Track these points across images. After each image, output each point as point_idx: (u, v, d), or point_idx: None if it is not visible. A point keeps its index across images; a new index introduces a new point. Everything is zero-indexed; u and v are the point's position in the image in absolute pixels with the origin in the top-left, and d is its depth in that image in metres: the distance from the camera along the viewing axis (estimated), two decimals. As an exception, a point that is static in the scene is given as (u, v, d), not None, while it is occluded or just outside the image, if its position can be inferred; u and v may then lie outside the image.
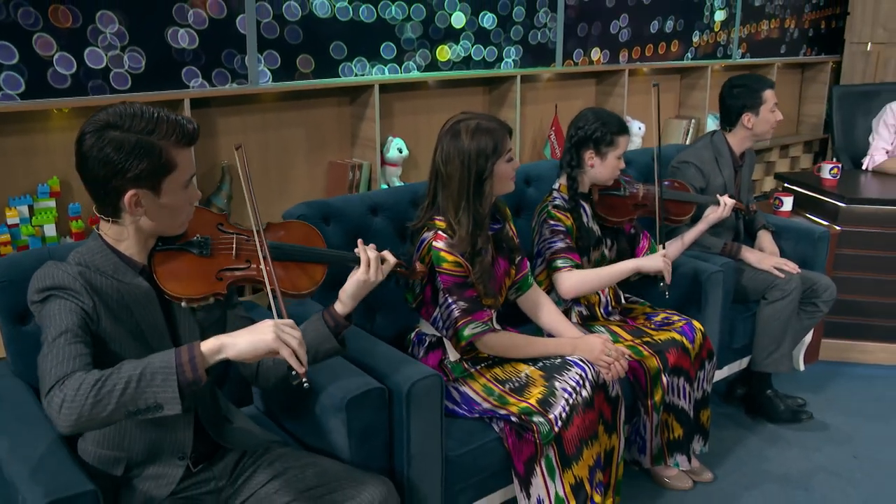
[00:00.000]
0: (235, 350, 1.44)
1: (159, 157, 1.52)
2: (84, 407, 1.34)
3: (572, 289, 2.56)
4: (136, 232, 1.60)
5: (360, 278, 1.78)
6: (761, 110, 3.07)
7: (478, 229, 2.21)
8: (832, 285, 3.15)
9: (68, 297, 1.51)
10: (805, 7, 5.61)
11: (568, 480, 2.18)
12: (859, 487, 2.71)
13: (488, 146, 2.18)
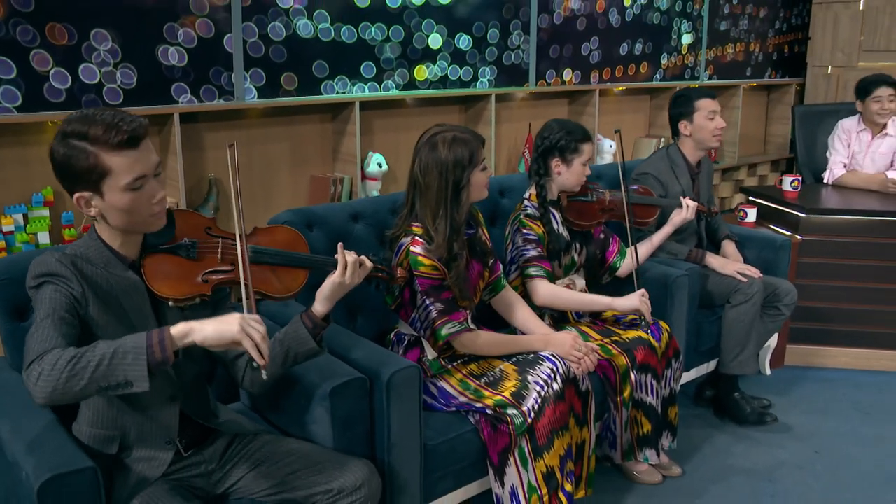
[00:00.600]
0: (202, 335, 1.53)
1: (88, 162, 1.58)
2: (59, 380, 1.44)
3: (545, 299, 2.69)
4: (111, 228, 1.69)
5: (336, 280, 1.87)
6: (695, 117, 3.24)
7: (455, 235, 2.33)
8: (793, 290, 3.30)
9: (59, 283, 1.61)
10: (769, 32, 5.85)
11: (540, 469, 2.29)
12: (820, 479, 2.84)
13: (464, 157, 2.31)
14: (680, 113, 3.28)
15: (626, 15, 4.68)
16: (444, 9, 3.77)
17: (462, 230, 2.37)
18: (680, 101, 3.31)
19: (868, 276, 3.72)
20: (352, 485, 1.83)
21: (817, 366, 3.83)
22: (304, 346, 1.88)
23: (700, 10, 5.20)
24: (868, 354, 3.80)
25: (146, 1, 2.83)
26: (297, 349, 1.88)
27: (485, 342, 2.42)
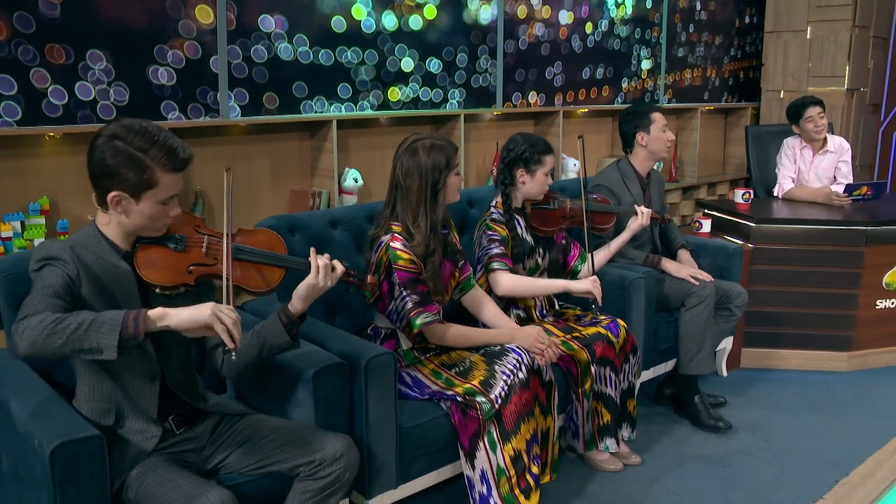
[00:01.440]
0: (176, 320, 1.73)
1: (143, 172, 1.81)
2: (41, 336, 1.63)
3: (507, 287, 2.89)
4: (118, 224, 1.90)
5: (310, 282, 2.03)
6: (652, 129, 3.48)
7: (432, 233, 2.55)
8: (744, 292, 3.53)
9: (58, 266, 1.80)
10: (724, 59, 6.16)
11: (508, 453, 2.47)
12: (769, 465, 3.05)
13: (442, 161, 2.53)
14: (636, 126, 3.51)
15: (587, 41, 4.95)
16: (415, 34, 3.99)
17: (439, 229, 2.58)
18: (634, 115, 3.54)
19: (815, 282, 3.96)
20: (332, 456, 2.00)
21: (771, 367, 4.05)
22: (279, 339, 2.06)
23: (658, 37, 5.50)
24: (817, 356, 4.03)
25: (138, 24, 3.01)
26: (272, 341, 2.06)
27: (454, 334, 2.61)
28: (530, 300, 3.05)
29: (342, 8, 3.65)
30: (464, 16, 4.20)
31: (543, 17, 4.64)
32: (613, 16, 5.10)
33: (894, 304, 4.03)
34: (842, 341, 4.01)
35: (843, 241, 3.91)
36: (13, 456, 1.98)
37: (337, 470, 2.00)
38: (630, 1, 5.20)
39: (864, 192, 4.26)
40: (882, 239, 3.91)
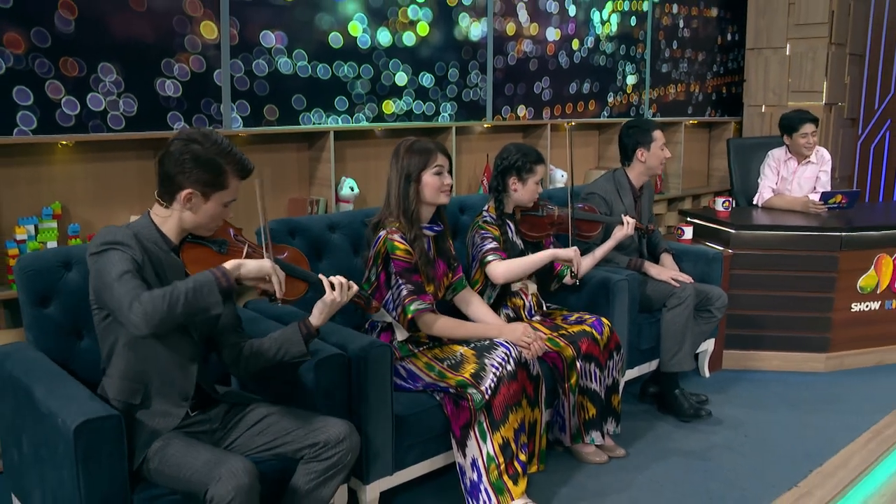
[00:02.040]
0: (246, 269, 1.98)
1: (219, 175, 2.04)
2: (164, 312, 1.85)
3: (502, 274, 3.05)
4: (178, 221, 2.08)
5: (329, 299, 2.19)
6: (652, 146, 3.65)
7: (409, 223, 2.72)
8: (723, 294, 3.70)
9: (124, 250, 1.97)
10: (707, 75, 6.37)
11: (497, 441, 2.62)
12: (747, 457, 3.19)
13: (416, 161, 2.74)
14: (638, 142, 3.66)
15: (574, 57, 5.14)
16: (409, 50, 4.16)
17: (418, 219, 2.76)
18: (637, 131, 3.68)
19: (793, 286, 4.12)
20: (335, 438, 2.15)
21: (751, 368, 4.21)
22: (296, 347, 2.21)
23: (643, 53, 5.69)
24: (796, 357, 4.19)
25: (146, 39, 3.16)
26: (287, 347, 2.21)
27: (444, 324, 2.77)
28: (519, 300, 3.21)
29: (339, 24, 3.82)
30: (455, 33, 4.37)
31: (531, 34, 4.82)
32: (599, 33, 5.30)
33: (868, 308, 4.20)
34: (819, 343, 4.17)
35: (819, 246, 4.08)
36: (34, 438, 2.12)
37: (339, 452, 2.15)
38: (615, 18, 5.40)
39: (839, 201, 4.44)
40: (856, 244, 4.09)
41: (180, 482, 1.98)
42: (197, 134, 2.05)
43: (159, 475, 2.02)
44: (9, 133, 2.86)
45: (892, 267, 4.20)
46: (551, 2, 4.90)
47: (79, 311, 2.39)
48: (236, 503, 1.86)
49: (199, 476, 1.92)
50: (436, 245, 2.86)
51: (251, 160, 2.15)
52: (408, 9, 4.09)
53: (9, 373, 2.24)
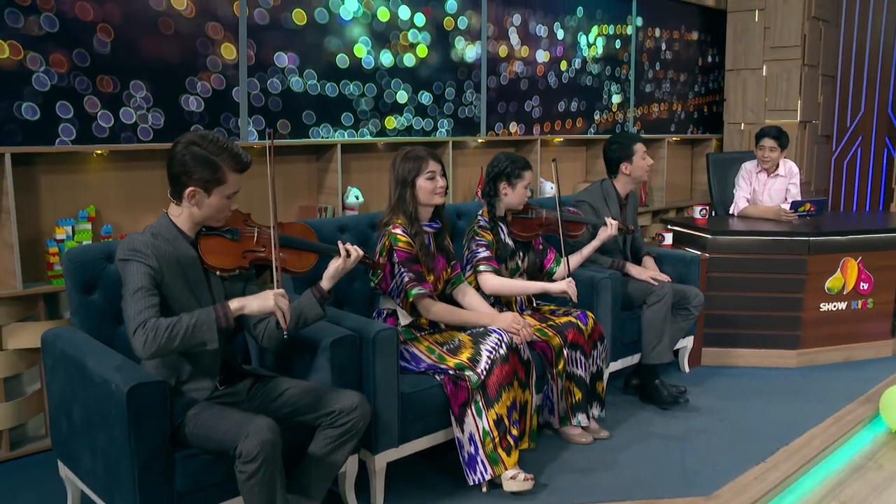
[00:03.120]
0: (249, 309, 2.27)
1: (216, 171, 2.30)
2: (161, 344, 2.13)
3: (493, 287, 3.36)
4: (189, 216, 2.36)
5: (338, 265, 2.53)
6: (634, 159, 3.99)
7: (409, 220, 3.04)
8: (700, 294, 4.01)
9: (142, 261, 2.24)
10: (689, 94, 6.72)
11: (491, 417, 2.92)
12: (721, 439, 3.49)
13: (411, 167, 3.06)
14: (621, 157, 4.01)
15: (562, 78, 5.48)
16: (409, 70, 4.49)
17: (418, 217, 3.08)
18: (619, 146, 4.03)
19: (765, 287, 4.43)
20: (349, 407, 2.45)
21: (727, 365, 4.51)
22: (313, 310, 2.51)
23: (627, 74, 6.05)
24: (769, 354, 4.50)
25: (173, 59, 3.47)
26: (307, 313, 2.51)
27: (441, 309, 3.08)
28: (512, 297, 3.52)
29: (346, 46, 4.15)
30: (451, 55, 4.71)
31: (522, 56, 5.17)
32: (586, 55, 5.65)
33: (836, 307, 4.51)
34: (790, 340, 4.48)
35: (789, 250, 4.40)
36: (86, 406, 2.41)
37: (353, 419, 2.44)
38: (601, 41, 5.75)
39: (808, 209, 4.77)
40: (823, 248, 4.41)
41: (213, 441, 2.26)
42: (196, 136, 2.32)
43: (195, 437, 2.31)
44: (51, 143, 3.17)
45: (856, 270, 4.52)
46: (541, 26, 5.25)
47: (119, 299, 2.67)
48: (262, 456, 2.16)
49: (229, 435, 2.21)
50: (435, 241, 3.17)
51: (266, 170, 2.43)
52: (408, 32, 4.43)
53: (61, 350, 2.53)
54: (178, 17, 3.47)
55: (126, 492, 2.24)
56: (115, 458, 2.27)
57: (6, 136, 3.05)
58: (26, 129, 3.10)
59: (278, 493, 2.22)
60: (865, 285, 4.56)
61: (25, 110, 3.08)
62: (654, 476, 3.12)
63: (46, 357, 2.66)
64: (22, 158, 3.13)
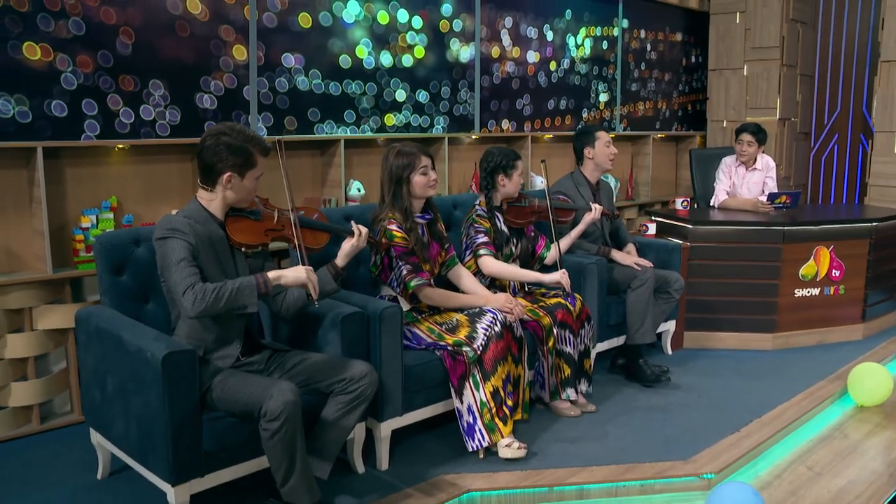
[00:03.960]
0: (285, 280, 2.55)
1: (248, 157, 2.58)
2: (208, 303, 2.39)
3: (493, 270, 3.63)
4: (222, 199, 2.63)
5: (353, 243, 2.80)
6: (596, 144, 4.25)
7: (403, 214, 3.28)
8: (680, 279, 4.28)
9: (182, 237, 2.49)
10: (673, 93, 7.01)
11: (488, 389, 3.18)
12: (698, 411, 3.75)
13: (404, 163, 3.29)
14: (584, 143, 4.30)
15: (552, 77, 5.75)
16: (407, 70, 4.74)
17: (409, 210, 3.31)
18: (583, 134, 4.32)
19: (743, 274, 4.70)
20: (359, 374, 2.70)
21: (708, 347, 4.78)
22: (329, 284, 2.77)
23: (614, 74, 6.32)
24: (747, 337, 4.77)
25: (188, 60, 3.71)
26: (323, 287, 2.75)
27: (440, 294, 3.34)
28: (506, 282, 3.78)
29: (348, 48, 4.40)
30: (447, 55, 4.96)
31: (514, 57, 5.43)
32: (574, 55, 5.92)
33: (809, 293, 4.79)
34: (767, 324, 4.76)
35: (765, 239, 4.68)
36: (120, 375, 2.65)
37: (362, 385, 2.70)
38: (588, 42, 6.02)
39: (783, 201, 5.06)
40: (797, 237, 4.69)
41: (238, 404, 2.52)
42: (224, 128, 2.59)
43: (221, 401, 2.56)
44: (77, 138, 3.41)
45: (829, 258, 4.80)
46: (531, 28, 5.51)
47: (146, 280, 2.95)
48: (285, 415, 2.41)
49: (254, 397, 2.47)
50: (429, 230, 3.42)
51: (273, 163, 2.71)
52: (406, 35, 4.68)
53: (95, 326, 2.78)
54: (193, 21, 3.71)
55: (160, 452, 2.49)
56: (148, 422, 2.52)
57: (37, 132, 3.29)
58: (55, 125, 3.34)
59: (298, 450, 2.47)
60: (837, 272, 4.84)
61: (55, 107, 3.33)
62: (638, 444, 3.38)
63: (80, 333, 2.90)
64: (50, 152, 3.37)
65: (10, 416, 3.38)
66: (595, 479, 3.06)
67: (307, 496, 2.52)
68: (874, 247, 4.94)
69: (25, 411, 3.43)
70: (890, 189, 5.96)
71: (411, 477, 3.04)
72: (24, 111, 3.24)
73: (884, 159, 6.00)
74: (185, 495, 2.53)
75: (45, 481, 3.00)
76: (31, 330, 3.39)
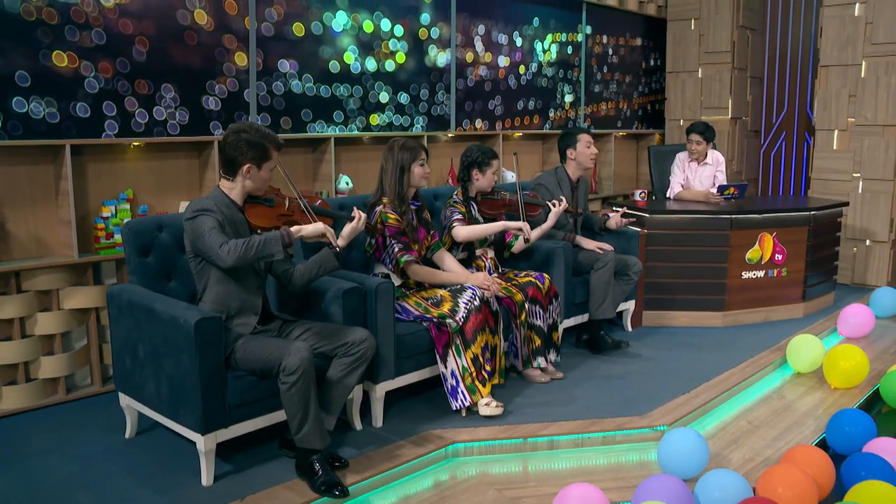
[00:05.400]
0: (307, 231, 2.94)
1: (265, 151, 3.00)
2: (241, 253, 2.80)
3: (463, 235, 4.06)
4: (241, 188, 3.04)
5: (353, 226, 3.22)
6: (578, 146, 4.73)
7: (400, 199, 3.71)
8: (638, 262, 4.77)
9: (210, 215, 2.91)
10: (633, 94, 7.52)
11: (469, 356, 3.63)
12: (656, 378, 4.22)
13: (408, 155, 3.73)
14: (566, 144, 4.77)
15: (521, 80, 6.21)
16: (390, 74, 5.16)
17: (405, 197, 3.74)
18: (566, 136, 4.78)
19: (695, 258, 5.19)
20: (359, 339, 3.12)
21: (665, 325, 5.26)
22: (331, 262, 3.18)
23: (578, 76, 6.81)
24: (700, 315, 5.26)
25: (196, 66, 4.09)
26: (326, 264, 3.17)
27: (426, 272, 3.78)
28: (481, 262, 4.23)
29: (337, 54, 4.82)
30: (425, 61, 5.40)
31: (486, 61, 5.89)
32: (541, 60, 6.39)
33: (755, 276, 5.30)
34: (717, 304, 5.25)
35: (714, 227, 5.17)
36: (153, 341, 3.05)
37: (363, 348, 3.12)
38: (554, 48, 6.50)
39: (732, 192, 5.57)
40: (743, 225, 5.20)
41: (259, 362, 2.94)
42: (243, 126, 3.03)
43: (243, 361, 2.98)
44: (99, 136, 3.79)
45: (772, 243, 5.31)
46: (502, 35, 5.97)
47: (168, 261, 3.36)
48: (302, 369, 2.84)
49: (274, 355, 2.89)
50: (417, 216, 3.87)
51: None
52: (389, 42, 5.12)
53: (127, 300, 3.18)
54: (200, 31, 4.12)
55: (191, 406, 2.90)
56: (180, 380, 2.93)
57: (64, 131, 3.67)
58: (79, 125, 3.72)
59: (312, 401, 2.90)
60: (780, 256, 5.35)
61: (79, 109, 3.71)
62: (600, 404, 3.85)
63: (112, 307, 3.29)
64: (75, 149, 3.75)
65: (40, 387, 3.75)
66: (563, 431, 3.52)
67: (319, 441, 2.94)
68: (812, 233, 5.46)
69: (52, 383, 3.81)
70: (830, 182, 6.52)
71: (403, 432, 3.47)
72: (52, 112, 3.62)
73: (824, 155, 6.56)
74: (212, 443, 2.94)
75: (80, 441, 3.39)
76: (58, 309, 3.77)
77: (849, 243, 6.43)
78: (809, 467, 3.11)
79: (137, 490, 2.95)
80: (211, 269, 3.02)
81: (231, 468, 3.11)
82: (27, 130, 3.55)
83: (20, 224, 3.69)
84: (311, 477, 2.92)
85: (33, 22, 3.51)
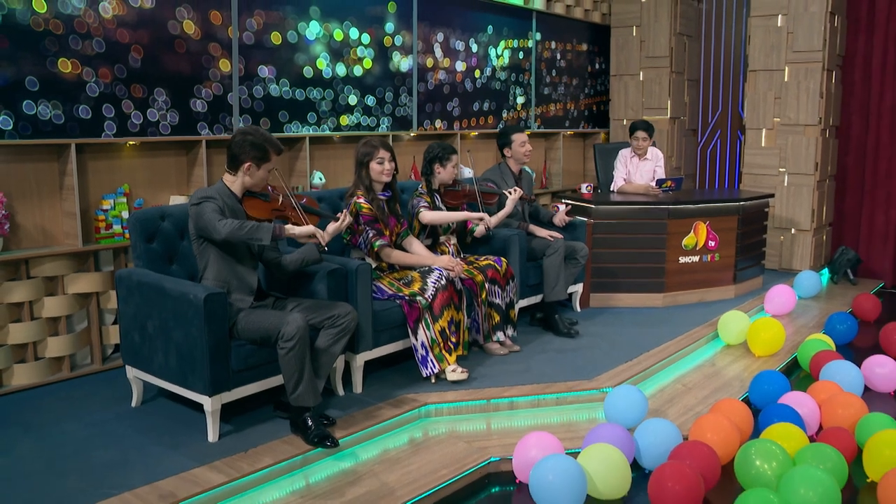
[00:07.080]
0: (298, 232, 3.37)
1: (265, 152, 3.42)
2: (233, 229, 3.21)
3: (429, 218, 4.52)
4: (241, 182, 3.46)
5: (337, 225, 3.63)
6: (513, 145, 5.23)
7: (367, 190, 4.16)
8: (585, 248, 5.28)
9: (213, 202, 3.33)
10: (580, 95, 8.07)
11: (437, 329, 4.10)
12: (602, 350, 4.75)
13: (365, 152, 4.17)
14: (502, 143, 5.28)
15: (477, 83, 6.69)
16: (358, 79, 5.59)
17: (372, 188, 4.19)
18: (502, 136, 5.29)
19: (637, 245, 5.72)
20: (344, 312, 3.57)
21: (611, 306, 5.79)
22: (313, 255, 3.64)
23: (529, 79, 7.33)
24: (642, 297, 5.79)
25: (185, 71, 4.47)
26: (309, 257, 3.63)
27: (398, 255, 4.24)
28: (445, 248, 4.71)
29: (310, 61, 5.24)
30: (390, 66, 5.85)
31: (445, 66, 6.36)
32: (495, 64, 6.89)
33: (691, 260, 5.86)
34: (657, 286, 5.80)
35: (653, 216, 5.72)
36: (162, 316, 3.45)
37: (347, 320, 3.56)
38: (507, 53, 7.01)
39: (669, 185, 6.14)
40: (679, 214, 5.75)
41: (259, 332, 3.37)
42: (249, 129, 3.45)
43: (244, 332, 3.41)
44: (99, 136, 4.17)
45: (706, 231, 5.89)
46: (459, 41, 6.46)
47: (171, 247, 3.77)
48: (298, 335, 3.27)
49: (273, 324, 3.32)
50: (388, 206, 4.32)
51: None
52: (357, 49, 5.56)
53: (137, 280, 3.57)
54: (188, 39, 4.51)
55: (199, 372, 3.31)
56: (189, 350, 3.34)
57: (70, 131, 4.05)
58: (82, 126, 4.09)
59: (306, 364, 3.34)
60: (713, 243, 5.93)
61: (82, 111, 4.09)
62: (553, 371, 4.35)
63: (121, 288, 3.67)
64: (77, 147, 4.12)
65: (46, 365, 4.12)
66: (521, 393, 4.02)
67: (312, 399, 3.38)
68: (742, 222, 6.06)
69: (58, 361, 4.18)
70: (759, 176, 7.15)
71: (381, 396, 3.92)
72: (58, 114, 3.99)
73: (753, 151, 7.19)
74: (217, 404, 3.36)
75: (89, 410, 3.77)
76: (63, 294, 4.14)
77: (776, 232, 7.07)
78: (733, 416, 3.66)
79: (152, 447, 3.35)
80: (211, 248, 3.44)
81: (232, 428, 3.53)
82: (36, 131, 3.92)
83: (28, 216, 4.05)
84: (305, 431, 3.36)
85: (41, 32, 3.88)
